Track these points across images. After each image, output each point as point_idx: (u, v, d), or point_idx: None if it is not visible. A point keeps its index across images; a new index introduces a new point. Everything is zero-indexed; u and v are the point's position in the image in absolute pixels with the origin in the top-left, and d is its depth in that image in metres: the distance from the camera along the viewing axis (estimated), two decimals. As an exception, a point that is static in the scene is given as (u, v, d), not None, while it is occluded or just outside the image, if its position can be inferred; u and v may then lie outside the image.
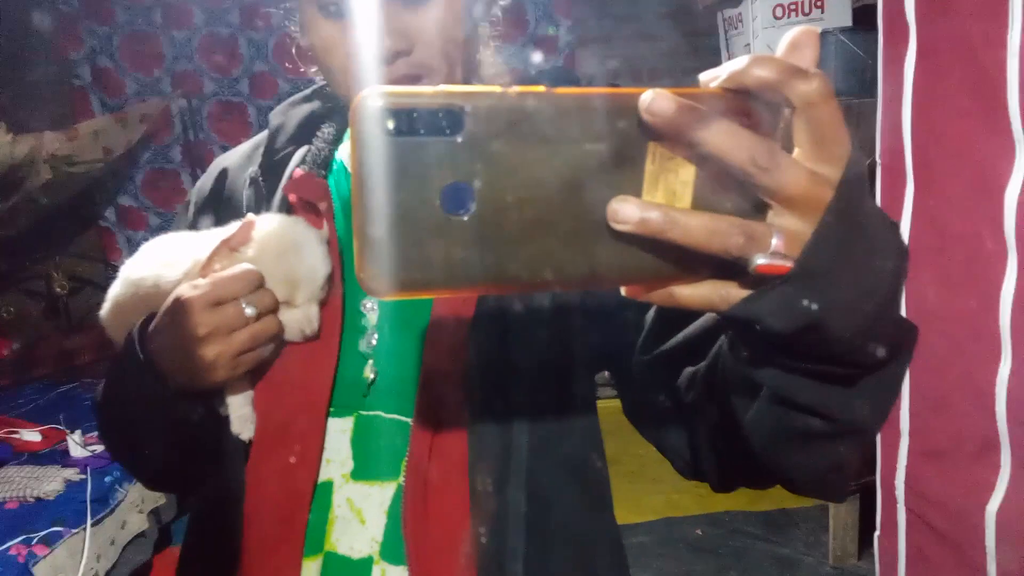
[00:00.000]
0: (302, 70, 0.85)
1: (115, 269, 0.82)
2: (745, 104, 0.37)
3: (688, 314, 0.59)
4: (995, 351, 1.48)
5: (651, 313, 0.68)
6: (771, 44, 2.67)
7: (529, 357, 0.73)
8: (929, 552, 1.76)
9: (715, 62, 0.38)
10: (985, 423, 1.52)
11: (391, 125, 0.34)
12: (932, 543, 1.74)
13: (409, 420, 0.73)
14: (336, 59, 0.71)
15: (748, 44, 2.77)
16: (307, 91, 0.89)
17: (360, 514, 0.74)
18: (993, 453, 1.52)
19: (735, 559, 2.86)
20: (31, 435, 2.34)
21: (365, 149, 0.34)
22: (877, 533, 1.95)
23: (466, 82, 0.76)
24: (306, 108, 0.86)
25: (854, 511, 2.70)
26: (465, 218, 0.35)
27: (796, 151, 0.37)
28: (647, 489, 3.27)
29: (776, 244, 0.36)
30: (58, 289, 3.28)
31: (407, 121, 0.34)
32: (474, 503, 0.71)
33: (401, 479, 0.73)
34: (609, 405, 0.87)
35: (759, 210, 0.38)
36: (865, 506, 2.57)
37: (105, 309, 0.83)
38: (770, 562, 2.83)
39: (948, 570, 1.69)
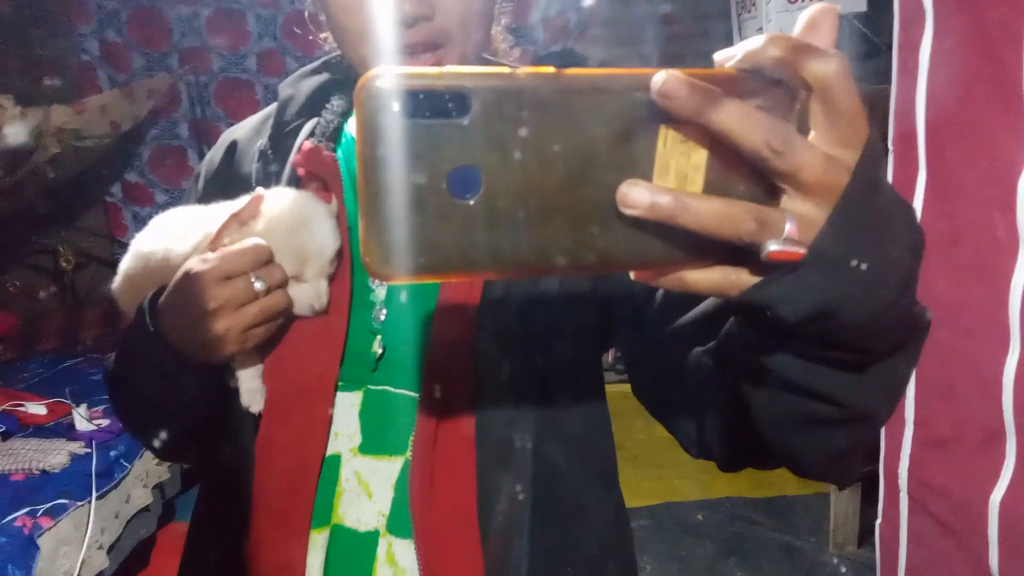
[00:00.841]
0: (311, 38, 0.84)
1: (121, 245, 0.82)
2: (760, 85, 0.36)
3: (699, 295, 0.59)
4: (1004, 341, 1.47)
5: (661, 292, 0.68)
6: (784, 28, 2.64)
7: (537, 334, 0.73)
8: (931, 540, 1.76)
9: (727, 47, 0.38)
10: (991, 413, 1.51)
11: (397, 107, 0.33)
12: (934, 531, 1.74)
13: (417, 395, 0.73)
14: (354, 23, 0.69)
15: (761, 28, 2.74)
16: (316, 63, 0.88)
17: (367, 487, 0.74)
18: (998, 443, 1.52)
19: (736, 544, 2.87)
20: (36, 408, 2.36)
21: (370, 131, 0.33)
22: (879, 520, 1.95)
23: (479, 56, 0.75)
24: (315, 80, 0.85)
25: (855, 498, 2.71)
26: (472, 202, 0.34)
27: (812, 134, 0.36)
28: (649, 474, 3.28)
29: (789, 230, 0.36)
30: (64, 264, 3.28)
31: (413, 103, 0.33)
32: (480, 478, 0.71)
33: (408, 454, 0.73)
34: (612, 389, 0.87)
35: (772, 194, 0.37)
36: (867, 493, 2.57)
37: (117, 282, 0.83)
38: (771, 548, 2.84)
39: (949, 558, 1.69)
